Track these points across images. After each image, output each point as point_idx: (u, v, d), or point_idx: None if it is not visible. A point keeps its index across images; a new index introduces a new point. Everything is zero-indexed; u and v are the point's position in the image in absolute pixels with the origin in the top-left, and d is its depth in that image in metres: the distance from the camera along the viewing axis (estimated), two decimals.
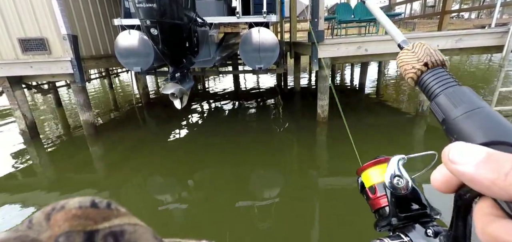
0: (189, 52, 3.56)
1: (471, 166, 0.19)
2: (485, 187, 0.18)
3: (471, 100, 0.25)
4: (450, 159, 0.21)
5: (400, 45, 0.38)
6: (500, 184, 0.18)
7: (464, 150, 0.21)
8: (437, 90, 0.29)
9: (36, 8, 3.81)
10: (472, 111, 0.24)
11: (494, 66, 9.72)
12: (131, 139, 4.54)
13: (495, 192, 0.18)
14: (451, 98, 0.27)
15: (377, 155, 0.45)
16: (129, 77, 11.05)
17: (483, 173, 0.19)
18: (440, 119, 0.27)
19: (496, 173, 0.18)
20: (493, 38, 3.81)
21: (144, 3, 2.62)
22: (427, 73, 0.31)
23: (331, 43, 3.94)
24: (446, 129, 0.26)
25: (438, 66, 0.31)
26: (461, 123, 0.25)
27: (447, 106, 0.27)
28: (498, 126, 0.23)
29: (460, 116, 0.25)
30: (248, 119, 5.35)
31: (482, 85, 6.98)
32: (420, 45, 0.33)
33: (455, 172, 0.20)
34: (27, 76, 4.26)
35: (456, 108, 0.26)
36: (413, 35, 4.03)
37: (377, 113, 5.23)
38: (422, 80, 0.31)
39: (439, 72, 0.31)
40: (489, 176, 0.18)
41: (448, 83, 0.29)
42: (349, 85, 8.16)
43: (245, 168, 3.39)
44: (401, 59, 0.35)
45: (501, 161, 0.18)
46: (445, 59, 0.32)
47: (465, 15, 20.78)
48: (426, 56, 0.32)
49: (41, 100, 8.14)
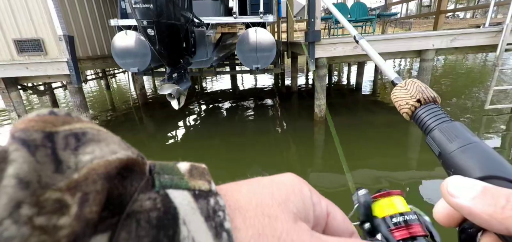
0: (186, 53, 3.56)
1: (468, 200, 0.20)
2: (484, 221, 0.19)
3: (464, 136, 0.27)
4: (448, 192, 0.22)
5: (393, 82, 0.40)
6: (497, 217, 0.18)
7: (461, 184, 0.22)
8: (431, 125, 0.30)
9: (32, 9, 3.79)
10: (466, 146, 0.25)
11: (489, 65, 9.83)
12: (129, 140, 4.43)
13: (493, 225, 0.19)
14: (445, 134, 0.28)
15: (379, 188, 0.41)
16: (126, 78, 11.01)
17: (480, 206, 0.19)
18: (436, 153, 0.29)
19: (493, 206, 0.19)
20: (487, 37, 3.86)
21: (141, 3, 2.61)
22: (420, 109, 0.33)
23: (328, 43, 3.97)
24: (443, 162, 0.28)
25: (430, 102, 0.33)
26: (456, 158, 0.26)
27: (442, 141, 0.28)
28: (492, 161, 0.24)
29: (456, 151, 0.26)
30: (245, 119, 5.36)
31: (477, 84, 7.06)
32: (412, 83, 0.35)
33: (454, 205, 0.21)
34: (23, 78, 4.23)
35: (451, 143, 0.27)
36: (409, 35, 4.07)
37: (374, 112, 5.27)
38: (417, 115, 0.33)
39: (432, 108, 0.32)
40: (487, 210, 0.19)
41: (441, 119, 0.30)
42: (346, 85, 8.21)
43: (243, 168, 3.40)
44: (395, 95, 0.37)
45: (497, 195, 0.19)
46: (436, 95, 0.34)
47: (460, 15, 20.99)
48: (418, 93, 0.33)
49: (37, 102, 8.08)
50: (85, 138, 0.14)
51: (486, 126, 4.11)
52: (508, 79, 6.70)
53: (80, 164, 0.13)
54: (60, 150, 0.13)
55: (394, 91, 0.37)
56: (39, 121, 0.13)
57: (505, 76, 6.87)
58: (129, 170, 0.16)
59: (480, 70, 9.31)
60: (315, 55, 3.92)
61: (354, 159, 3.42)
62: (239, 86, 8.75)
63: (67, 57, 3.88)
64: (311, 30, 3.75)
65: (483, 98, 5.21)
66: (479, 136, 2.10)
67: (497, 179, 0.22)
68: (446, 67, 10.41)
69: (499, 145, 3.51)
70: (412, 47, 3.95)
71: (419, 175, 2.93)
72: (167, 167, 0.19)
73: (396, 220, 0.37)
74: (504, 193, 0.19)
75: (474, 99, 5.51)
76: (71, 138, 0.14)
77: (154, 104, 6.97)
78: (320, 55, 3.97)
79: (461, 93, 6.06)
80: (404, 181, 2.86)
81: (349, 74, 9.60)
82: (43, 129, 0.13)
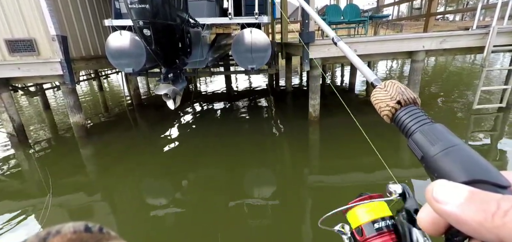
0: (182, 53, 3.57)
1: (455, 206, 0.19)
2: (472, 229, 0.18)
3: (446, 138, 0.26)
4: (434, 197, 0.20)
5: (372, 84, 0.39)
6: (488, 225, 0.17)
7: (447, 189, 0.20)
8: (412, 128, 0.30)
9: (24, 8, 3.73)
10: (449, 149, 0.25)
11: (477, 67, 10.08)
12: (123, 141, 4.50)
13: (483, 234, 0.17)
14: (427, 136, 0.27)
15: (361, 192, 0.43)
16: (118, 79, 10.90)
17: (469, 213, 0.18)
18: (419, 157, 0.28)
19: (483, 213, 0.17)
20: (475, 39, 3.99)
21: (137, 4, 2.62)
22: (401, 111, 0.32)
23: (322, 43, 4.03)
24: (425, 166, 0.27)
25: (410, 104, 0.32)
26: (440, 161, 0.25)
27: (424, 144, 0.27)
28: (477, 164, 0.23)
29: (438, 154, 0.25)
30: (240, 119, 5.39)
31: (466, 84, 7.24)
32: (391, 84, 0.35)
33: (440, 212, 0.20)
34: (15, 78, 4.16)
35: (433, 146, 0.26)
36: (400, 37, 4.16)
37: (367, 112, 5.35)
38: (397, 117, 0.32)
39: (412, 110, 0.31)
40: (476, 217, 0.18)
41: (422, 121, 0.29)
42: (340, 86, 8.31)
43: (238, 168, 3.42)
44: (375, 97, 0.36)
45: (487, 201, 0.18)
46: (416, 97, 0.33)
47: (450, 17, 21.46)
48: (398, 95, 0.33)
49: (26, 103, 7.93)
50: None
51: (474, 125, 4.24)
52: (496, 80, 6.90)
53: None
54: None
55: (374, 93, 0.37)
56: (76, 240, 0.14)
57: (492, 77, 7.08)
58: None
59: (469, 71, 9.55)
60: (309, 55, 3.98)
61: (348, 158, 3.49)
62: (233, 87, 8.77)
63: (61, 57, 3.85)
64: (305, 31, 3.81)
65: (471, 99, 5.36)
66: (468, 135, 2.21)
67: (484, 184, 0.21)
68: (436, 69, 10.64)
69: (488, 143, 3.62)
70: (403, 49, 4.05)
71: (410, 174, 3.01)
72: None
73: (378, 226, 0.38)
74: (494, 198, 0.18)
75: (463, 99, 5.66)
76: None
77: (148, 105, 6.94)
78: (314, 56, 4.03)
79: (450, 93, 6.22)
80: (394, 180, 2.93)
81: (343, 75, 9.73)
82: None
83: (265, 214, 2.50)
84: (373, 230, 0.38)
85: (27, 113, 6.73)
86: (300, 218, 2.45)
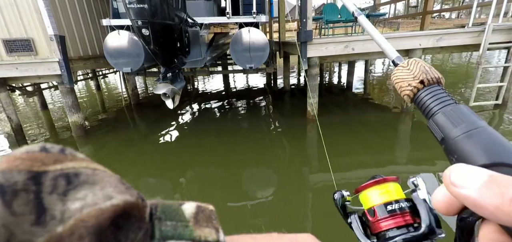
0: (180, 53, 3.58)
1: (473, 190, 0.19)
2: (489, 213, 0.18)
3: (470, 120, 0.25)
4: (452, 182, 0.20)
5: (394, 62, 0.38)
6: (505, 209, 0.17)
7: (466, 172, 0.20)
8: (434, 109, 0.29)
9: (21, 8, 3.73)
10: (472, 131, 0.24)
11: (473, 64, 10.17)
12: (121, 140, 4.50)
13: (500, 217, 0.17)
14: (450, 118, 0.26)
15: (375, 175, 0.43)
16: (116, 79, 10.86)
17: (487, 198, 0.18)
18: (439, 139, 0.27)
19: (500, 197, 0.17)
20: (471, 37, 4.03)
21: (135, 3, 2.63)
22: (423, 91, 0.31)
23: (320, 42, 4.06)
24: (445, 148, 0.26)
25: (434, 84, 0.31)
26: (461, 143, 0.24)
27: (446, 126, 0.26)
28: (499, 146, 0.22)
29: (460, 136, 0.24)
30: (238, 118, 5.40)
31: (463, 82, 7.31)
32: (415, 62, 0.33)
33: (458, 196, 0.20)
34: (12, 78, 4.15)
35: (456, 128, 0.25)
36: (397, 35, 4.20)
37: (364, 110, 5.40)
38: (419, 98, 0.31)
39: (435, 90, 0.30)
40: (493, 201, 0.18)
41: (445, 102, 0.28)
42: (337, 84, 8.35)
43: (236, 167, 3.44)
44: (396, 76, 0.34)
45: (505, 185, 0.18)
46: (440, 76, 0.32)
47: (446, 15, 21.59)
48: (422, 74, 0.31)
49: (22, 103, 7.90)
50: (77, 180, 0.13)
51: None
52: (492, 77, 6.97)
53: (67, 213, 0.11)
54: (46, 194, 0.11)
55: (395, 72, 0.35)
56: (26, 159, 0.12)
57: (488, 74, 7.15)
58: (125, 217, 0.14)
59: (465, 69, 9.63)
60: (307, 54, 4.00)
61: (345, 155, 3.52)
62: (231, 86, 8.78)
63: (59, 57, 3.84)
64: (303, 30, 3.83)
65: (467, 96, 5.41)
66: None
67: (505, 167, 0.21)
68: (433, 67, 10.67)
69: None
70: (400, 47, 4.08)
71: (409, 170, 3.04)
72: (170, 210, 0.17)
73: (391, 208, 0.37)
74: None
75: (459, 96, 5.71)
76: (61, 180, 0.12)
77: (146, 104, 6.93)
78: (312, 55, 4.06)
79: (447, 90, 6.26)
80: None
81: (340, 73, 9.77)
82: (30, 168, 0.12)
83: (264, 213, 2.52)
84: (386, 212, 0.38)
85: (24, 113, 6.70)
86: (300, 216, 2.47)
